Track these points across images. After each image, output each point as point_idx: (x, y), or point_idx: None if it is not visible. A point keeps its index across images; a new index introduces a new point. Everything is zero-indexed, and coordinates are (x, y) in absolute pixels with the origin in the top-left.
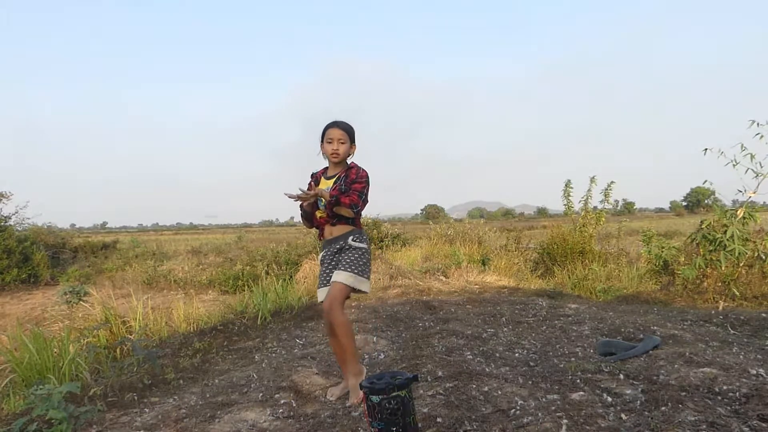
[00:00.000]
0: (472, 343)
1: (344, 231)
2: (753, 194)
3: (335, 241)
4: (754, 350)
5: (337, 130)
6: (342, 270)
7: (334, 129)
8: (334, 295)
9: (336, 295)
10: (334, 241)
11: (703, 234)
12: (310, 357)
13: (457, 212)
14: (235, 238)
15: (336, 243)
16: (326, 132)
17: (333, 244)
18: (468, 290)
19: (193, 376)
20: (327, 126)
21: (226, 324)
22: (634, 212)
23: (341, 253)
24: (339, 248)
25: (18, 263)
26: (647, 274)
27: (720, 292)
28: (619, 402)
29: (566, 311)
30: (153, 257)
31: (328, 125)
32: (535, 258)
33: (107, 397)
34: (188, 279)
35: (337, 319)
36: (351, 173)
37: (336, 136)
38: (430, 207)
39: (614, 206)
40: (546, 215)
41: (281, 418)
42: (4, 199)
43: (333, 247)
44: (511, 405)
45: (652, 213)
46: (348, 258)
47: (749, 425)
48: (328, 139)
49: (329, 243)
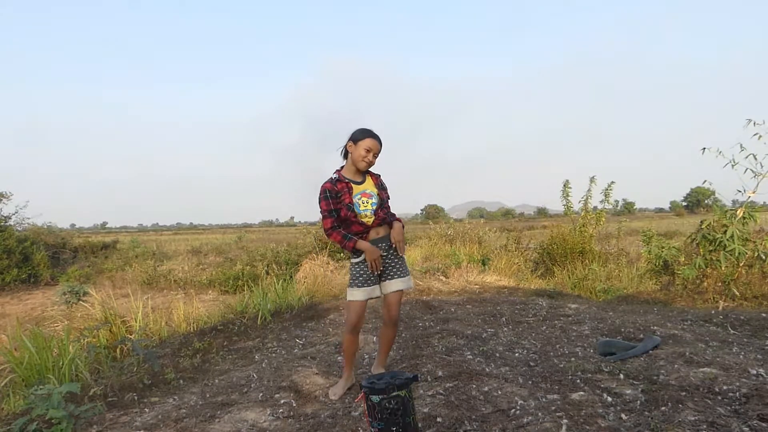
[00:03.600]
0: (472, 343)
1: (387, 231)
2: (752, 194)
3: (382, 240)
4: (754, 350)
5: (378, 144)
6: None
7: (376, 141)
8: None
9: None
10: (381, 240)
11: (703, 234)
12: (310, 357)
13: (457, 212)
14: (235, 238)
15: (382, 242)
16: (367, 140)
17: (380, 242)
18: (468, 290)
19: (193, 376)
20: (369, 133)
21: (226, 324)
22: (634, 212)
23: (392, 258)
24: (386, 248)
25: (18, 263)
26: (647, 274)
27: (720, 292)
28: (619, 402)
29: (566, 311)
30: (153, 257)
31: (371, 134)
32: (535, 258)
33: (107, 397)
34: (188, 279)
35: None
36: (381, 180)
37: (375, 149)
38: (430, 207)
39: (614, 206)
40: (546, 215)
41: (281, 418)
42: (4, 199)
43: (381, 245)
44: (511, 405)
45: (652, 213)
46: (401, 264)
47: (749, 425)
48: (367, 148)
49: (375, 242)
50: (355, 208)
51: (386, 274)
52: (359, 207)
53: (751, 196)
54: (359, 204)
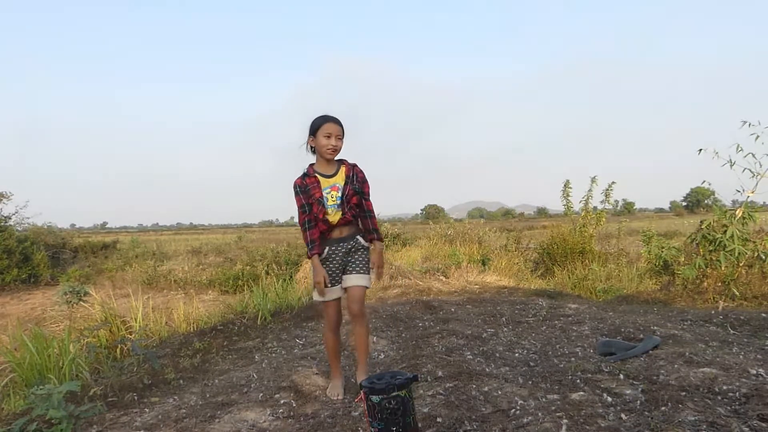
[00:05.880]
0: (472, 343)
1: (353, 231)
2: (751, 194)
3: (344, 240)
4: (754, 350)
5: (336, 126)
6: (363, 273)
7: (333, 124)
8: (361, 298)
9: (362, 298)
10: (344, 240)
11: (703, 234)
12: (310, 357)
13: (457, 212)
14: (235, 238)
15: (346, 242)
16: (324, 126)
17: (342, 243)
18: (468, 290)
19: (193, 376)
20: (323, 119)
21: (226, 324)
22: (634, 212)
23: (353, 253)
24: (350, 248)
25: (18, 263)
26: (647, 274)
27: (720, 292)
28: (619, 402)
29: (566, 311)
30: (153, 257)
31: (325, 119)
32: (535, 258)
33: (107, 397)
34: (188, 279)
35: (365, 318)
36: (356, 171)
37: (335, 131)
38: (430, 207)
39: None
40: (546, 215)
41: (281, 418)
42: (4, 199)
43: (342, 246)
44: (511, 405)
45: (652, 213)
46: (362, 259)
47: (749, 425)
48: (326, 133)
49: (337, 242)
50: (324, 202)
51: (348, 269)
52: (327, 201)
53: (751, 196)
54: (328, 198)
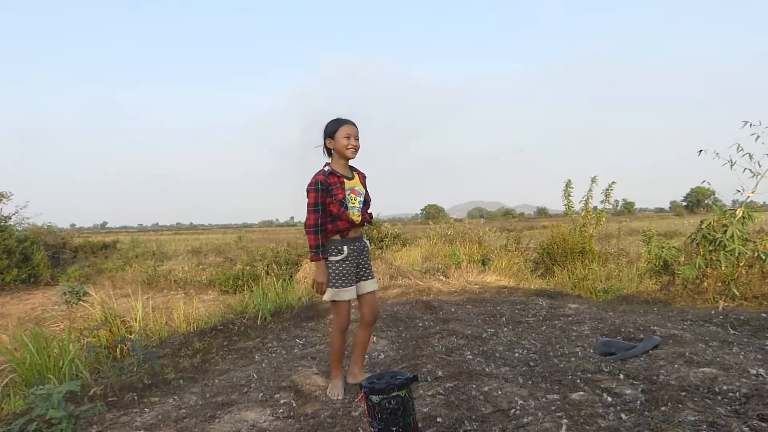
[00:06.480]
0: (472, 343)
1: (361, 231)
2: (751, 194)
3: (359, 240)
4: (754, 350)
5: (354, 127)
6: (374, 279)
7: (351, 125)
8: (377, 305)
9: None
10: (359, 240)
11: (703, 234)
12: (310, 357)
13: (457, 212)
14: (235, 238)
15: (360, 242)
16: (342, 128)
17: (357, 242)
18: (468, 290)
19: (193, 376)
20: (341, 122)
21: (226, 324)
22: (634, 212)
23: (365, 254)
24: (362, 248)
25: (18, 263)
26: (647, 274)
27: (720, 292)
28: (619, 402)
29: (566, 311)
30: (153, 257)
31: (343, 121)
32: (535, 258)
33: (107, 397)
34: (188, 279)
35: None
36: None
37: (354, 132)
38: (430, 207)
39: (614, 206)
40: (546, 215)
41: (281, 418)
42: (4, 199)
43: (358, 245)
44: (511, 405)
45: (652, 213)
46: (370, 263)
47: (749, 425)
48: (346, 134)
49: (353, 241)
50: (346, 203)
51: (362, 275)
52: (349, 203)
53: (751, 196)
54: (349, 200)
